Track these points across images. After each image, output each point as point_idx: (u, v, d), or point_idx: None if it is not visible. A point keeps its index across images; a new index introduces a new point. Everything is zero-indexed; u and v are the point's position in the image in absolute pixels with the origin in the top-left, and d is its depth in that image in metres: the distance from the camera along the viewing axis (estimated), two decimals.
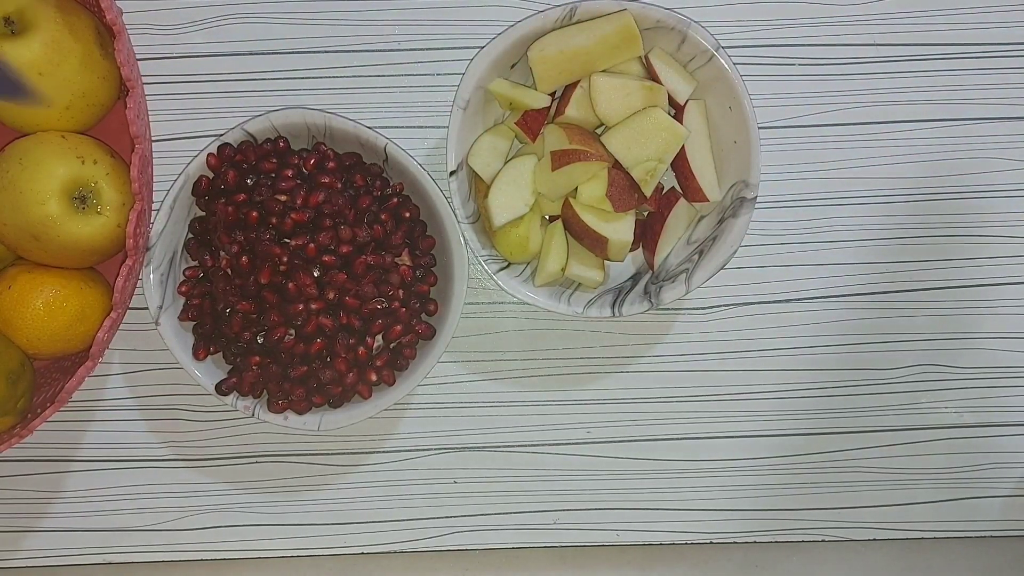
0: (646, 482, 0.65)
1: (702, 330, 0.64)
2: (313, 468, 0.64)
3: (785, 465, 0.65)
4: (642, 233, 0.60)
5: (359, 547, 0.64)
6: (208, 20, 0.62)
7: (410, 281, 0.59)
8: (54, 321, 0.55)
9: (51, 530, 0.64)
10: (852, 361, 0.65)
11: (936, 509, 0.66)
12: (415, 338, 0.59)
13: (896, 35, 0.63)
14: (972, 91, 0.64)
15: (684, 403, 0.64)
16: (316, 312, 0.56)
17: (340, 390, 0.58)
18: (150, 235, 0.57)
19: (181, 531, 0.64)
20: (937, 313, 0.65)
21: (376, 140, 0.57)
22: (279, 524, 0.64)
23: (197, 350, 0.58)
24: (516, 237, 0.57)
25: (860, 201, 0.64)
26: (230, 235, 0.56)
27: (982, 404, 0.65)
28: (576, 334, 0.64)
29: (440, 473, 0.64)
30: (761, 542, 0.66)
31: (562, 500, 0.65)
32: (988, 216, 0.64)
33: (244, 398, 0.58)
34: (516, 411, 0.64)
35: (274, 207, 0.56)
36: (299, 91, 0.62)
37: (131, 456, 0.63)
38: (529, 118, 0.58)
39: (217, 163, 0.57)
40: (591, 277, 0.59)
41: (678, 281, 0.56)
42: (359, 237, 0.57)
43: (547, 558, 0.66)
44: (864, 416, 0.65)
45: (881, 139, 0.64)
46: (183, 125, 0.62)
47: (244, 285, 0.57)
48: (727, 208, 0.57)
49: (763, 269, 0.64)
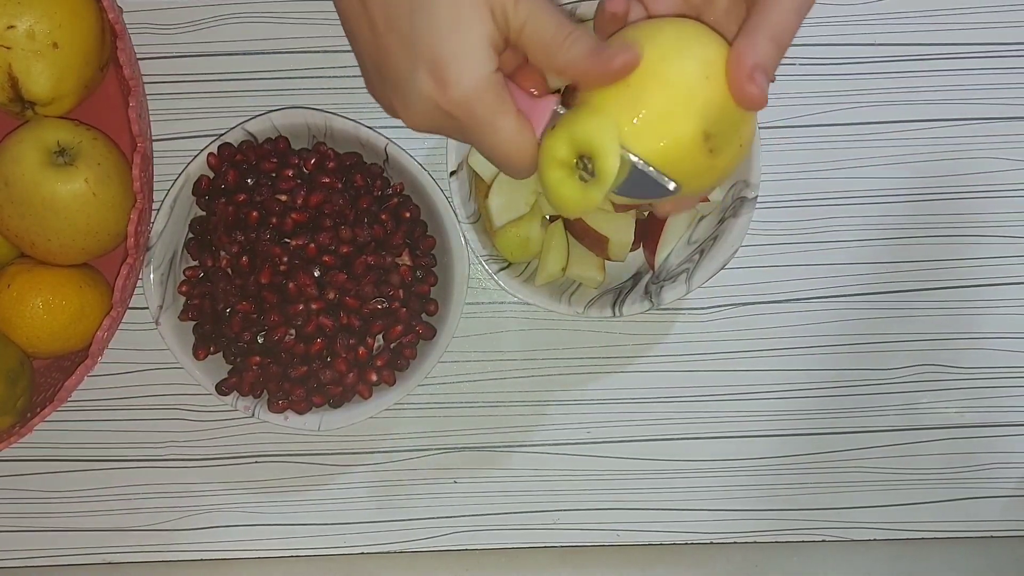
0: (646, 482, 0.65)
1: (702, 330, 0.64)
2: (313, 468, 0.64)
3: (785, 465, 0.65)
4: (642, 233, 0.60)
5: (359, 547, 0.64)
6: (208, 20, 0.62)
7: (410, 281, 0.59)
8: (53, 320, 0.55)
9: (49, 530, 0.64)
10: (852, 361, 0.65)
11: (936, 509, 0.66)
12: (415, 338, 0.59)
13: (896, 35, 0.63)
14: (972, 91, 0.64)
15: (684, 403, 0.64)
16: (316, 312, 0.56)
17: (340, 390, 0.58)
18: (150, 235, 0.57)
19: (180, 531, 0.64)
20: (937, 313, 0.65)
21: (376, 140, 0.57)
22: (278, 524, 0.64)
23: (197, 350, 0.58)
24: (516, 237, 0.57)
25: (860, 201, 0.64)
26: (230, 235, 0.56)
27: (982, 404, 0.65)
28: (576, 334, 0.64)
29: (440, 473, 0.64)
30: (761, 542, 0.66)
31: (562, 500, 0.65)
32: (988, 216, 0.64)
33: (244, 398, 0.58)
34: (516, 411, 0.64)
35: (274, 207, 0.56)
36: (299, 91, 0.62)
37: (130, 456, 0.63)
38: None
39: (217, 163, 0.57)
40: (591, 277, 0.59)
41: (679, 281, 0.56)
42: (359, 237, 0.57)
43: (547, 558, 0.66)
44: (864, 416, 0.65)
45: (881, 139, 0.64)
46: (183, 125, 0.62)
47: (244, 285, 0.57)
48: (727, 208, 0.57)
49: (763, 269, 0.64)
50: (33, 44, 0.52)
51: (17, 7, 0.52)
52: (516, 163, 0.40)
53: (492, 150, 0.40)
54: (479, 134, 0.39)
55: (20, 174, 0.52)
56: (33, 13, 0.52)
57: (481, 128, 0.39)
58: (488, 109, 0.38)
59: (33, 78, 0.53)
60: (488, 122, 0.39)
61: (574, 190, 0.39)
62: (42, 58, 0.53)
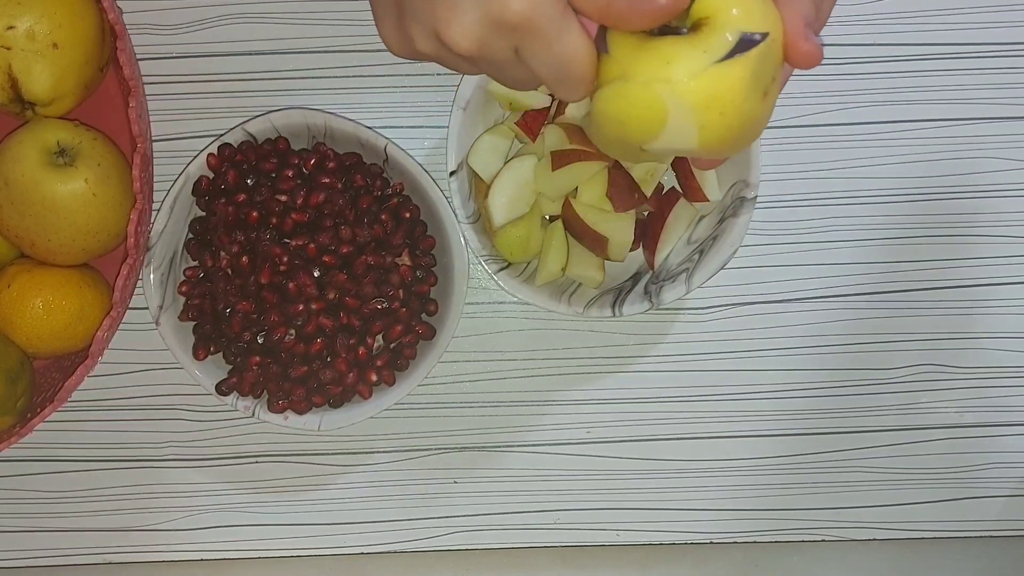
0: (646, 482, 0.65)
1: (702, 330, 0.64)
2: (313, 468, 0.64)
3: (785, 465, 0.65)
4: (642, 233, 0.60)
5: (359, 547, 0.64)
6: (208, 20, 0.62)
7: (410, 281, 0.59)
8: (53, 320, 0.55)
9: (50, 530, 0.64)
10: (852, 361, 0.65)
11: (936, 509, 0.66)
12: (415, 338, 0.59)
13: (896, 35, 0.63)
14: (972, 91, 0.64)
15: (684, 403, 0.64)
16: (316, 312, 0.56)
17: (340, 390, 0.58)
18: (150, 235, 0.57)
19: (181, 531, 0.64)
20: (937, 313, 0.65)
21: (376, 140, 0.57)
22: (279, 524, 0.64)
23: (197, 350, 0.58)
24: (516, 237, 0.57)
25: (860, 201, 0.64)
26: (230, 235, 0.56)
27: (982, 404, 0.65)
28: (576, 334, 0.64)
29: (440, 473, 0.64)
30: (761, 542, 0.66)
31: (562, 500, 0.65)
32: (988, 216, 0.64)
33: (244, 398, 0.58)
34: (516, 411, 0.64)
35: (274, 207, 0.56)
36: (299, 91, 0.62)
37: (131, 456, 0.63)
38: (529, 118, 0.58)
39: (217, 163, 0.57)
40: (591, 277, 0.59)
41: (678, 281, 0.57)
42: (359, 237, 0.57)
43: (547, 558, 0.66)
44: (864, 416, 0.65)
45: (881, 139, 0.64)
46: (183, 125, 0.62)
47: (244, 285, 0.57)
48: (727, 208, 0.57)
49: (763, 269, 0.64)
50: (33, 44, 0.52)
51: (17, 7, 0.52)
52: (581, 73, 0.37)
53: (553, 62, 0.37)
54: (540, 46, 0.36)
55: (20, 174, 0.52)
56: (33, 13, 0.52)
57: (545, 38, 0.36)
58: (552, 18, 0.36)
59: (33, 78, 0.53)
60: (554, 31, 0.36)
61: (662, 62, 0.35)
62: (42, 58, 0.53)
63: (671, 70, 0.35)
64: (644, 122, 0.36)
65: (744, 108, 0.36)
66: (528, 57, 0.37)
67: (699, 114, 0.36)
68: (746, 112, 0.36)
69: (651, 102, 0.36)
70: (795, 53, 0.37)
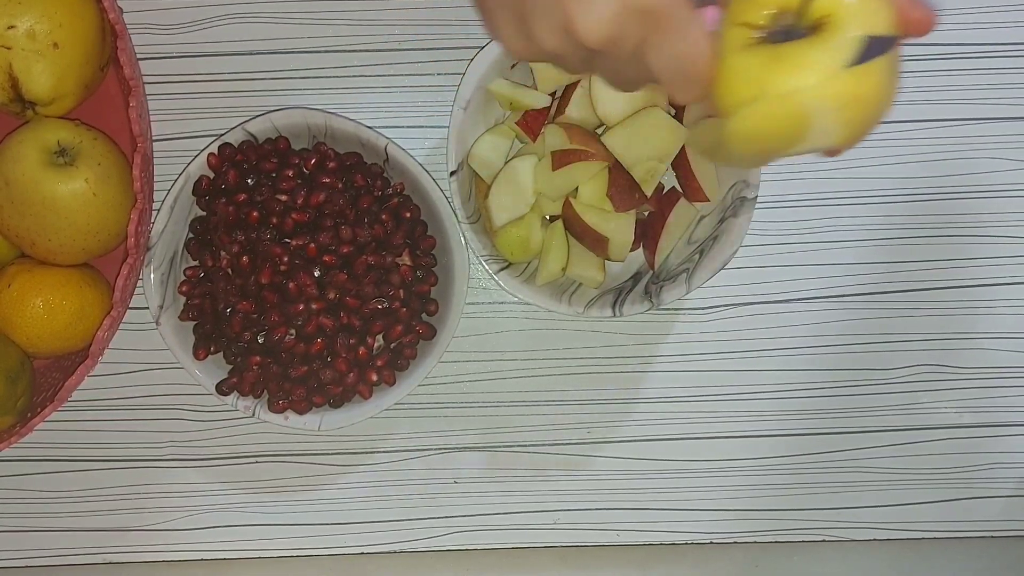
0: (646, 482, 0.65)
1: (702, 330, 0.64)
2: (313, 468, 0.64)
3: (786, 465, 0.65)
4: (642, 233, 0.60)
5: (359, 547, 0.64)
6: (208, 20, 0.62)
7: (410, 281, 0.59)
8: (54, 320, 0.55)
9: (50, 530, 0.64)
10: (852, 361, 0.65)
11: (936, 509, 0.66)
12: (415, 338, 0.59)
13: None
14: (974, 91, 0.64)
15: (684, 403, 0.64)
16: (316, 312, 0.56)
17: (340, 390, 0.58)
18: (151, 235, 0.57)
19: (180, 531, 0.64)
20: (937, 313, 0.65)
21: (377, 140, 0.57)
22: (279, 524, 0.64)
23: (197, 350, 0.58)
24: (516, 237, 0.57)
25: (860, 201, 0.64)
26: (231, 235, 0.56)
27: (982, 404, 0.65)
28: (576, 334, 0.64)
29: (440, 473, 0.64)
30: (761, 542, 0.66)
31: (562, 500, 0.65)
32: (988, 216, 0.64)
33: (244, 398, 0.58)
34: (516, 411, 0.64)
35: (275, 207, 0.56)
36: (299, 91, 0.62)
37: (130, 456, 0.63)
38: (529, 118, 0.58)
39: (218, 163, 0.57)
40: (591, 277, 0.59)
41: (679, 281, 0.57)
42: (360, 237, 0.57)
43: (547, 558, 0.66)
44: (864, 416, 0.65)
45: (881, 139, 0.64)
46: (183, 125, 0.62)
47: (244, 285, 0.57)
48: (727, 208, 0.57)
49: (763, 269, 0.64)
50: (33, 44, 0.52)
51: (17, 7, 0.52)
52: (700, 71, 0.37)
53: (677, 55, 0.36)
54: (667, 37, 0.36)
55: (20, 174, 0.52)
56: (33, 13, 0.52)
57: (674, 28, 0.36)
58: (682, 7, 0.36)
59: (33, 78, 0.53)
60: (683, 21, 0.36)
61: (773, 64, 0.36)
62: (42, 58, 0.53)
63: (807, 77, 0.35)
64: (787, 133, 0.36)
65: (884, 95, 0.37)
66: (652, 49, 0.37)
67: (842, 112, 0.36)
68: (884, 97, 0.37)
69: (793, 113, 0.36)
70: (910, 22, 0.37)
